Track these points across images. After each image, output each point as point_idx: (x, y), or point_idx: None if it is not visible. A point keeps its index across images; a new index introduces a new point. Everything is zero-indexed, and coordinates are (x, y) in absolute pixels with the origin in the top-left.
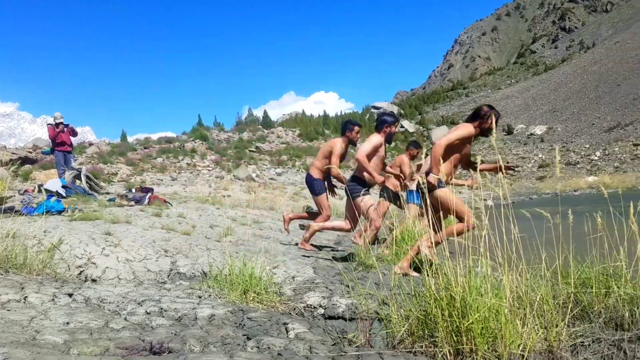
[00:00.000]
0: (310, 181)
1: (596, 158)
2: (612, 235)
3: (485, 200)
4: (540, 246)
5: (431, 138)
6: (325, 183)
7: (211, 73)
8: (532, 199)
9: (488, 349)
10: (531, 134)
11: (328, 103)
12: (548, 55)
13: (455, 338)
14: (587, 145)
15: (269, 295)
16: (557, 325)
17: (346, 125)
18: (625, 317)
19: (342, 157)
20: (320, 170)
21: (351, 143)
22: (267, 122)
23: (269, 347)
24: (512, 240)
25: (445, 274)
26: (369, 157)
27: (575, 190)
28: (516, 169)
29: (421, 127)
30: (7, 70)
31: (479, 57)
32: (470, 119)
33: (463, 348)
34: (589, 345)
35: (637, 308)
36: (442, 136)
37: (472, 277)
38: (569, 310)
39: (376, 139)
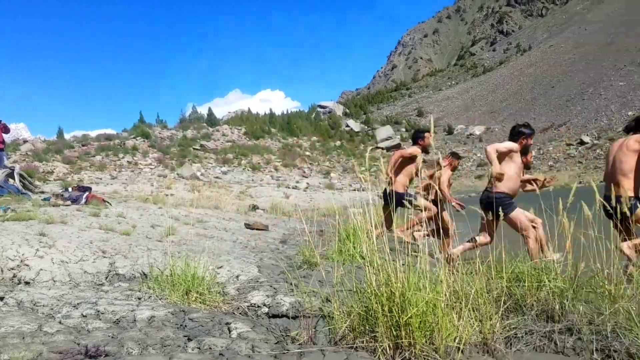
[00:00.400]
0: (399, 199)
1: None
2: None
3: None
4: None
5: (376, 137)
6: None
7: (154, 69)
8: (471, 197)
9: (426, 342)
10: (470, 134)
11: (274, 101)
12: (487, 58)
13: (394, 332)
14: None
15: (212, 295)
16: (491, 318)
17: (418, 135)
18: (556, 309)
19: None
20: (404, 185)
21: (424, 151)
22: (212, 120)
23: (210, 348)
24: (451, 237)
25: (385, 270)
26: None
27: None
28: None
29: (366, 127)
30: None
31: (421, 58)
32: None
33: (402, 342)
34: (522, 337)
35: (567, 300)
36: None
37: (412, 273)
38: (503, 303)
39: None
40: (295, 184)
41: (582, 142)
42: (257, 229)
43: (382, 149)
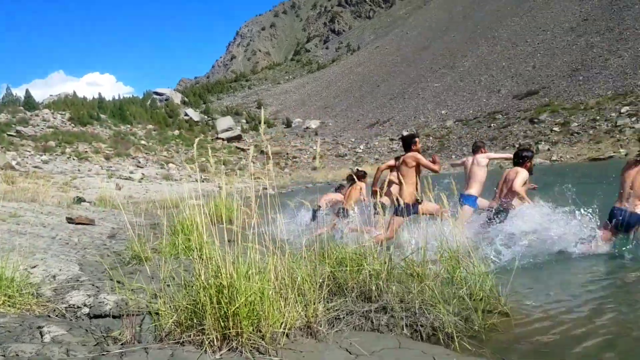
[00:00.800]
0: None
1: (360, 151)
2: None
3: (266, 189)
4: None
5: (216, 127)
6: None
7: None
8: (308, 188)
9: (253, 330)
10: (307, 128)
11: (104, 85)
12: (320, 55)
13: (223, 324)
14: (353, 139)
15: (24, 297)
16: (315, 303)
17: (413, 140)
18: (373, 290)
19: None
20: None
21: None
22: (30, 104)
23: (17, 355)
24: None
25: (215, 262)
26: None
27: (344, 180)
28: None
29: (206, 117)
30: None
31: (260, 51)
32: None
33: (230, 332)
34: (344, 317)
35: (382, 282)
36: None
37: (241, 263)
38: (325, 287)
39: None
40: (129, 175)
41: None
42: (81, 224)
43: (223, 139)
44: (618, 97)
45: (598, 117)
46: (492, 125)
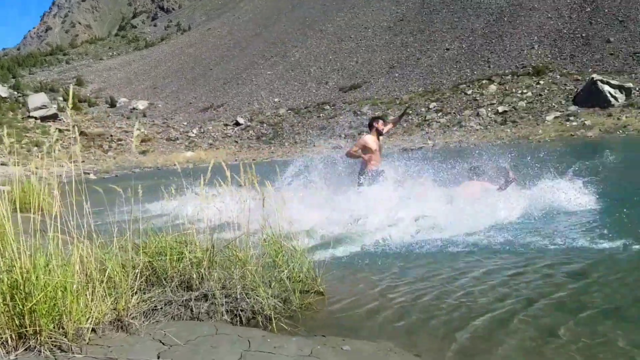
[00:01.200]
0: None
1: (193, 135)
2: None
3: (88, 174)
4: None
5: (27, 105)
6: None
7: None
8: (135, 172)
9: (55, 327)
10: (134, 108)
11: None
12: (148, 32)
13: (18, 322)
14: (185, 123)
15: None
16: (126, 295)
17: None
18: (194, 278)
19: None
20: None
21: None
22: None
23: None
24: (84, 216)
25: (8, 255)
26: None
27: (174, 165)
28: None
29: (16, 93)
30: None
31: (80, 23)
32: None
33: (27, 331)
34: (162, 308)
35: (203, 269)
36: None
37: (40, 255)
38: (139, 278)
39: None
40: None
41: (237, 123)
42: None
43: (36, 118)
44: (427, 94)
45: (410, 112)
46: (321, 115)
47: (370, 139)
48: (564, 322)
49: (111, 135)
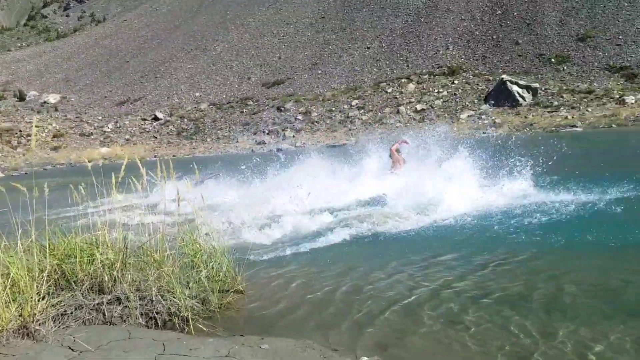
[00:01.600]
0: None
1: (109, 130)
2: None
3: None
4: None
5: None
6: None
7: None
8: (46, 170)
9: None
10: (45, 102)
11: None
12: (60, 23)
13: None
14: (100, 117)
15: None
16: (32, 300)
17: None
18: (106, 280)
19: None
20: None
21: None
22: None
23: None
24: None
25: None
26: None
27: (90, 161)
28: None
29: None
30: None
31: None
32: None
33: None
34: (72, 312)
35: (116, 271)
36: None
37: None
38: (46, 281)
39: None
40: None
41: (156, 118)
42: None
43: None
44: (349, 92)
45: (334, 109)
46: (244, 110)
47: None
48: (467, 309)
49: (20, 131)
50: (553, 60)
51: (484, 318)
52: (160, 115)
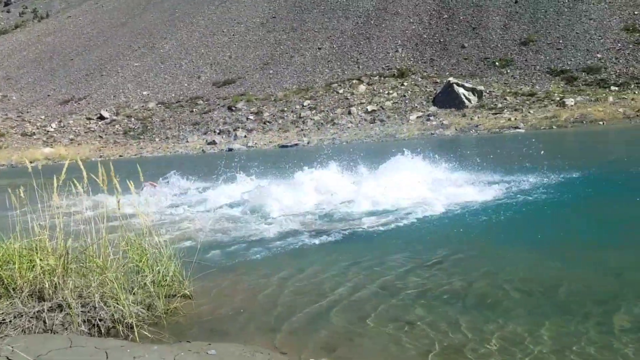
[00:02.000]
0: None
1: (52, 130)
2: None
3: None
4: None
5: None
6: None
7: None
8: None
9: None
10: None
11: None
12: (0, 19)
13: None
14: (43, 117)
15: None
16: None
17: None
18: (46, 287)
19: None
20: None
21: None
22: None
23: None
24: None
25: None
26: None
27: (31, 162)
28: None
29: None
30: None
31: None
32: None
33: None
34: (10, 321)
35: (57, 278)
36: None
37: None
38: None
39: None
40: None
41: (101, 117)
42: None
43: None
44: (301, 92)
45: (286, 109)
46: (194, 110)
47: None
48: (414, 307)
49: None
50: (497, 63)
51: (431, 315)
52: (106, 114)
